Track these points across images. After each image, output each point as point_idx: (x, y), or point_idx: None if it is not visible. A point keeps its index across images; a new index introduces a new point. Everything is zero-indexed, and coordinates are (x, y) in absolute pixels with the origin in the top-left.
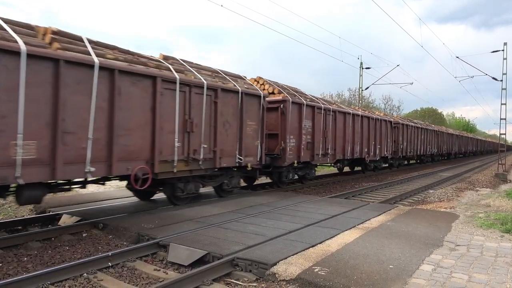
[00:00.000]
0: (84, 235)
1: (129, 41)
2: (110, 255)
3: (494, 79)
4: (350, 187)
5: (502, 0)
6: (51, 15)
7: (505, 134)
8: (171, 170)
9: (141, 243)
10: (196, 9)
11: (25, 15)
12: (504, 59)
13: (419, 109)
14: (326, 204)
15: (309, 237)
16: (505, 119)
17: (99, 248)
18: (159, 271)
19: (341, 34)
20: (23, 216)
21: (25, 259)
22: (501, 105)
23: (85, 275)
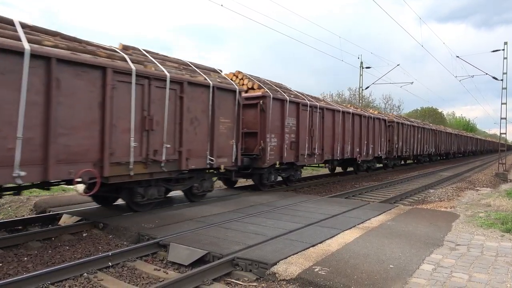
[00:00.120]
0: (84, 235)
1: (129, 41)
2: (110, 255)
3: (494, 78)
4: (350, 187)
5: None
6: (51, 15)
7: (505, 133)
8: (126, 173)
9: (141, 243)
10: (196, 9)
11: (25, 15)
12: (504, 59)
13: (419, 109)
14: (326, 203)
15: (310, 237)
16: (506, 119)
17: (99, 248)
18: (159, 270)
19: (342, 33)
20: (23, 216)
21: (25, 259)
22: (502, 104)
23: (85, 275)
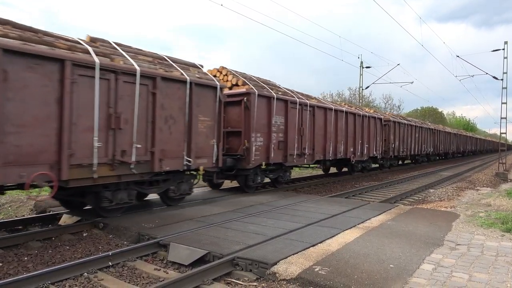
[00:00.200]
0: (84, 234)
1: (129, 41)
2: (110, 254)
3: (494, 78)
4: (350, 187)
5: None
6: (51, 15)
7: (505, 133)
8: (89, 176)
9: (141, 243)
10: (196, 9)
11: (25, 15)
12: (504, 58)
13: (420, 108)
14: (326, 203)
15: (310, 237)
16: (506, 118)
17: (100, 247)
18: (159, 270)
19: (342, 33)
20: (23, 215)
21: (26, 258)
22: (502, 104)
23: (85, 274)
